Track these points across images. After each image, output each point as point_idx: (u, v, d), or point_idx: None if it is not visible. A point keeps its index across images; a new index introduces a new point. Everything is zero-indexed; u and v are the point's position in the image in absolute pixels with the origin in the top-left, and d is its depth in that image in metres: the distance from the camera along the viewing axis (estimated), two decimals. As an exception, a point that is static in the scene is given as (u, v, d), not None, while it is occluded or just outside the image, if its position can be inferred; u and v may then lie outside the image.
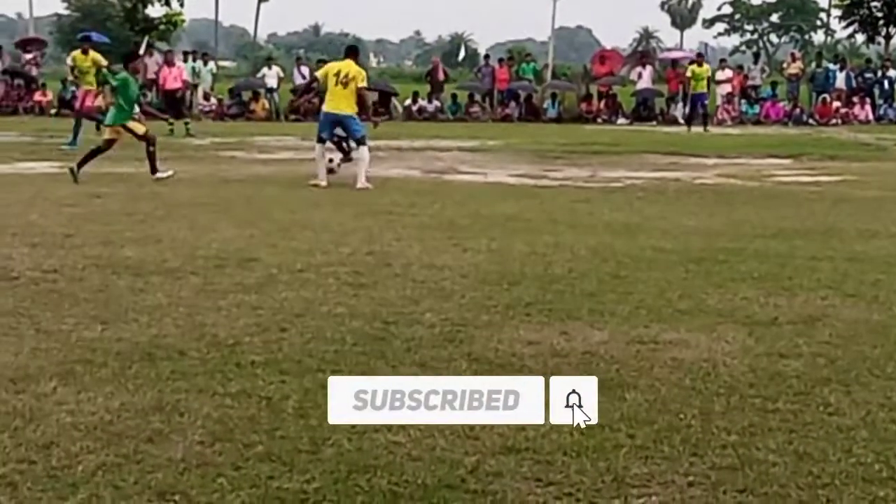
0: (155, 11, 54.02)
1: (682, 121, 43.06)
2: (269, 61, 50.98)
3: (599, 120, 44.82)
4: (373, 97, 32.56)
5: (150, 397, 6.41)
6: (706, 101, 40.49)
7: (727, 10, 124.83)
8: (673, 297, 9.48)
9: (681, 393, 6.70)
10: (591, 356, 7.51)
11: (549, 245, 12.09)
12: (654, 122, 44.15)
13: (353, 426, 5.83)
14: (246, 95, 45.94)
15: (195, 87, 44.13)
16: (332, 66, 19.44)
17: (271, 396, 6.49)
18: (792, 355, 7.60)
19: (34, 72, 45.99)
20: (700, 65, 40.32)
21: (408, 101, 45.12)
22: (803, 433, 6.00)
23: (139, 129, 19.62)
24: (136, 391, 6.53)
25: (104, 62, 26.71)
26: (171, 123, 31.98)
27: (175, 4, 53.80)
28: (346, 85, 18.90)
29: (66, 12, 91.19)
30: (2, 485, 5.12)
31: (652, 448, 5.72)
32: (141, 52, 41.91)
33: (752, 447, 5.76)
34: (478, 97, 46.79)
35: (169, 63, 38.41)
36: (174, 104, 36.01)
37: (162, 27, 53.60)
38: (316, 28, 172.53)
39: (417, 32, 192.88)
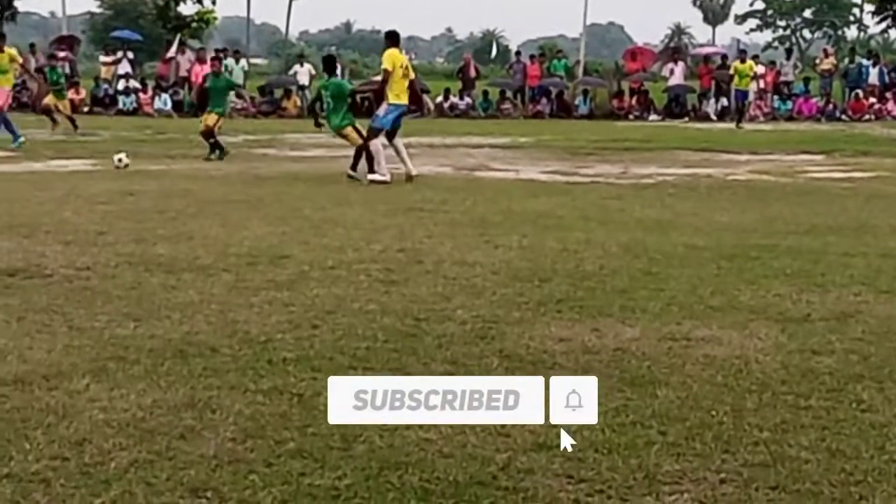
0: (187, 9, 54.23)
1: (714, 117, 42.97)
2: (300, 59, 51.04)
3: (631, 116, 44.74)
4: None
5: (183, 394, 6.43)
6: (750, 99, 40.39)
7: (759, 5, 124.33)
8: (705, 293, 9.46)
9: (713, 390, 6.68)
10: (622, 353, 7.49)
11: (581, 242, 12.08)
12: (686, 119, 44.00)
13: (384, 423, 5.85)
14: (278, 93, 46.01)
15: (227, 84, 44.19)
16: (397, 57, 19.34)
17: (303, 393, 6.50)
18: (825, 352, 7.57)
19: (67, 70, 46.13)
20: (743, 61, 40.19)
21: (439, 98, 45.07)
22: (836, 430, 5.97)
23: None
24: (168, 388, 6.55)
25: (20, 59, 26.89)
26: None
27: (207, 2, 54.04)
28: (407, 76, 19.01)
29: (98, 10, 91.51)
30: (35, 481, 5.14)
31: (684, 445, 5.71)
32: (173, 50, 42.17)
33: (785, 444, 5.74)
34: (509, 94, 46.76)
35: (201, 60, 38.47)
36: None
37: (194, 25, 53.75)
38: (347, 25, 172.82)
39: (449, 29, 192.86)
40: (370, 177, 18.75)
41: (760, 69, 44.89)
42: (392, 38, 19.92)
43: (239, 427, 5.80)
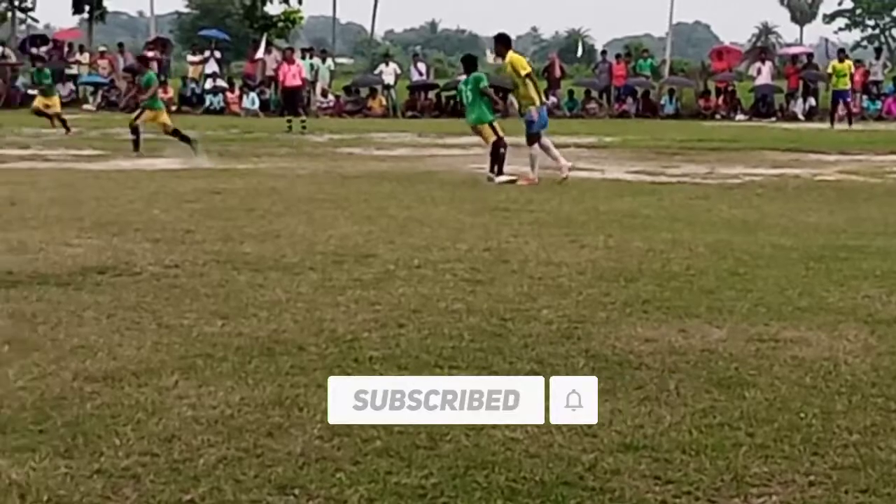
0: (274, 9, 54.75)
1: (801, 117, 42.60)
2: (386, 58, 51.27)
3: (717, 116, 44.54)
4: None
5: (270, 392, 6.46)
6: (848, 99, 39.93)
7: (848, 4, 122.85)
8: (793, 294, 9.37)
9: (801, 391, 6.62)
10: (709, 354, 7.44)
11: (667, 242, 12.02)
12: (774, 119, 43.69)
13: (471, 422, 5.86)
14: (363, 92, 46.22)
15: (313, 84, 44.57)
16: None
17: (389, 392, 6.50)
18: (915, 354, 7.48)
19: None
20: (841, 61, 39.78)
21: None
22: (927, 433, 5.90)
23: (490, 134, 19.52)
24: (255, 385, 6.58)
25: None
26: (289, 121, 32.33)
27: (294, 2, 54.48)
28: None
29: (186, 10, 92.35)
30: (125, 476, 5.19)
31: (772, 447, 5.65)
32: (260, 50, 42.50)
33: (875, 447, 5.67)
34: (595, 93, 46.68)
35: (288, 60, 38.67)
36: (292, 101, 36.30)
37: (280, 24, 54.17)
38: (433, 25, 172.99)
39: (534, 29, 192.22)
40: (498, 179, 18.77)
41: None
42: (508, 42, 19.91)
43: (326, 425, 5.81)
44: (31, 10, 55.66)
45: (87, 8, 54.27)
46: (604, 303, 8.98)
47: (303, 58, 45.97)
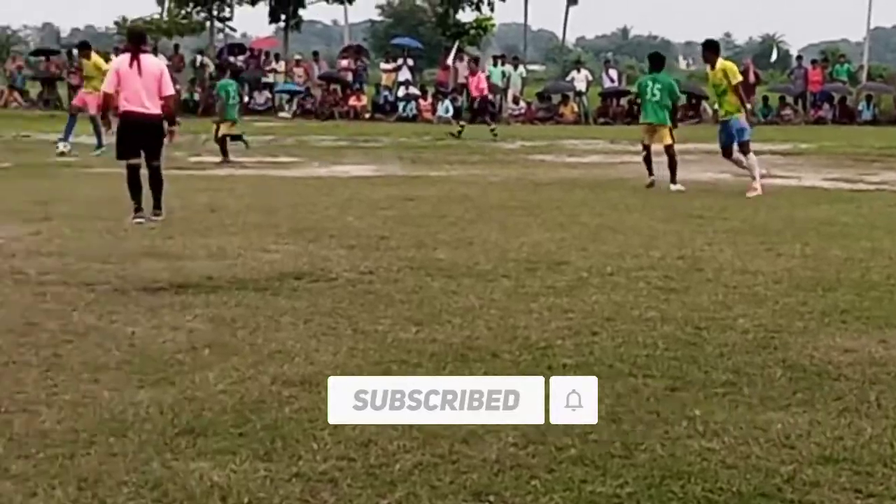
0: (466, 16, 54.88)
1: None
2: (577, 64, 51.09)
3: (918, 122, 43.45)
4: (682, 100, 32.42)
5: (464, 398, 6.48)
6: None
7: None
8: None
9: None
10: (911, 365, 7.28)
11: (866, 250, 11.78)
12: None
13: (666, 431, 5.81)
14: (555, 99, 46.17)
15: (505, 91, 44.71)
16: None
17: (583, 400, 6.48)
18: None
19: (349, 77, 47.18)
20: None
21: (716, 105, 44.50)
22: None
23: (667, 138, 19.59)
24: (450, 392, 6.60)
25: (105, 66, 26.86)
26: (493, 129, 32.62)
27: (486, 9, 54.56)
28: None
29: (379, 18, 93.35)
30: (323, 480, 5.26)
31: (978, 462, 5.50)
32: (451, 57, 42.79)
33: None
34: (790, 99, 45.95)
35: (472, 72, 38.77)
36: (482, 109, 36.46)
37: (472, 32, 54.35)
38: (624, 31, 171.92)
39: (727, 34, 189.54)
40: (673, 187, 18.64)
41: None
42: (718, 48, 19.67)
43: (520, 432, 5.81)
44: (229, 19, 56.81)
45: (283, 17, 55.17)
46: (801, 312, 8.84)
47: (494, 65, 46.21)
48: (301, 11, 56.60)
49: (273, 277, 10.14)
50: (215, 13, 55.62)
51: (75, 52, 49.08)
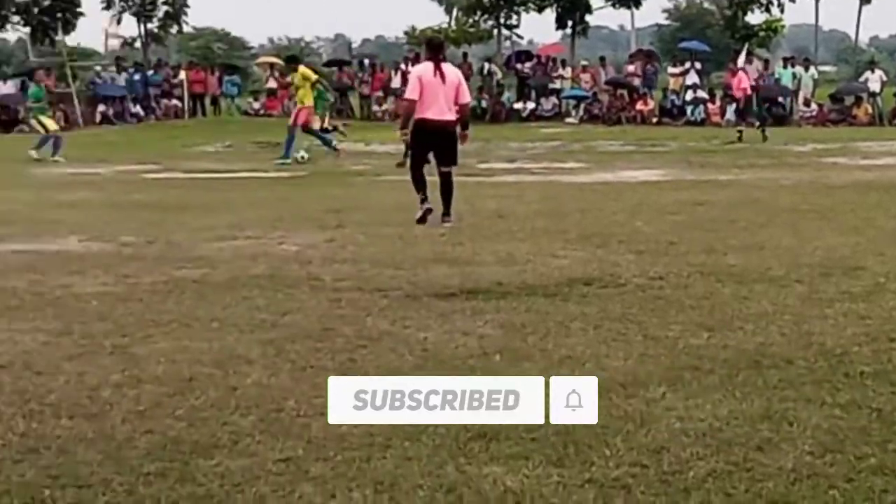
0: (755, 18, 54.08)
1: None
2: (871, 65, 49.71)
3: None
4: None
5: (758, 405, 6.37)
6: None
7: None
8: None
9: None
10: None
11: None
12: None
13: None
14: (848, 100, 45.08)
15: (795, 93, 43.97)
16: None
17: (882, 408, 6.31)
18: None
19: (636, 82, 47.01)
20: None
21: None
22: None
23: None
24: (743, 399, 6.51)
25: (313, 77, 26.66)
26: (764, 132, 31.98)
27: (775, 10, 53.68)
28: None
29: (666, 22, 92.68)
30: (616, 487, 5.24)
31: None
32: (741, 60, 42.20)
33: None
34: None
35: (732, 72, 38.24)
36: (743, 110, 36.06)
37: (762, 34, 53.54)
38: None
39: None
40: None
41: None
42: None
43: (817, 441, 5.70)
44: (516, 27, 57.36)
45: (569, 23, 55.37)
46: None
47: (784, 67, 45.43)
48: (588, 17, 56.69)
49: (562, 283, 10.15)
50: (503, 21, 56.18)
51: (366, 62, 50.47)
